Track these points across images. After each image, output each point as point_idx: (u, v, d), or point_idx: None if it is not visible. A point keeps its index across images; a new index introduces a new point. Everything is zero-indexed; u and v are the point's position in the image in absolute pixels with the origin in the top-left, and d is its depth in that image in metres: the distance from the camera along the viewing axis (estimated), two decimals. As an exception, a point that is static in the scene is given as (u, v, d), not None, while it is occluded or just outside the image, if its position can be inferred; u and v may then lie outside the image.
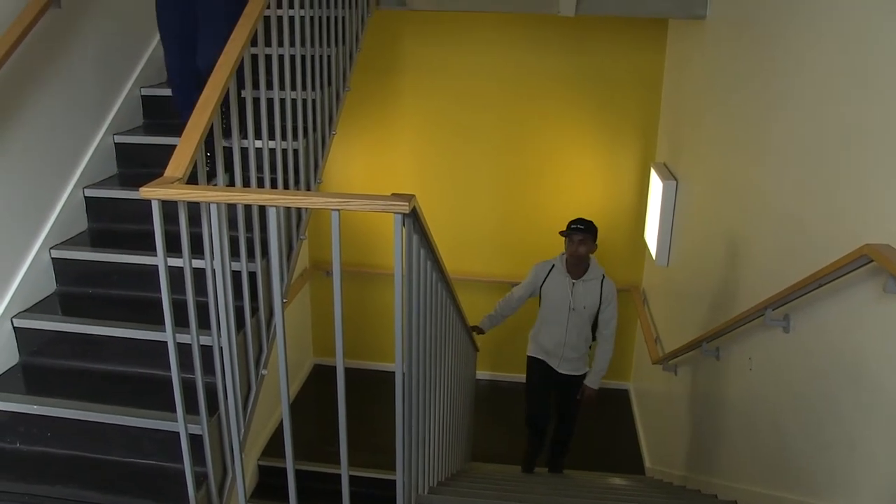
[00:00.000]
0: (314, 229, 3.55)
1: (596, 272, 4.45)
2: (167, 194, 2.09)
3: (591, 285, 4.43)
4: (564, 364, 4.61)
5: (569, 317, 4.46)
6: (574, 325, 4.49)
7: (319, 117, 3.41)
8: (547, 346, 4.63)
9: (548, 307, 4.57)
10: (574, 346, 4.55)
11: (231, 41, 2.60)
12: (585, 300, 4.42)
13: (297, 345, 6.44)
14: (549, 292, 4.53)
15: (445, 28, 5.79)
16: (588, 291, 4.43)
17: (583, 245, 4.29)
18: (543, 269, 4.58)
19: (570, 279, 4.42)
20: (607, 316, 4.49)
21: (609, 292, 4.47)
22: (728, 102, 3.73)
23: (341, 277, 2.04)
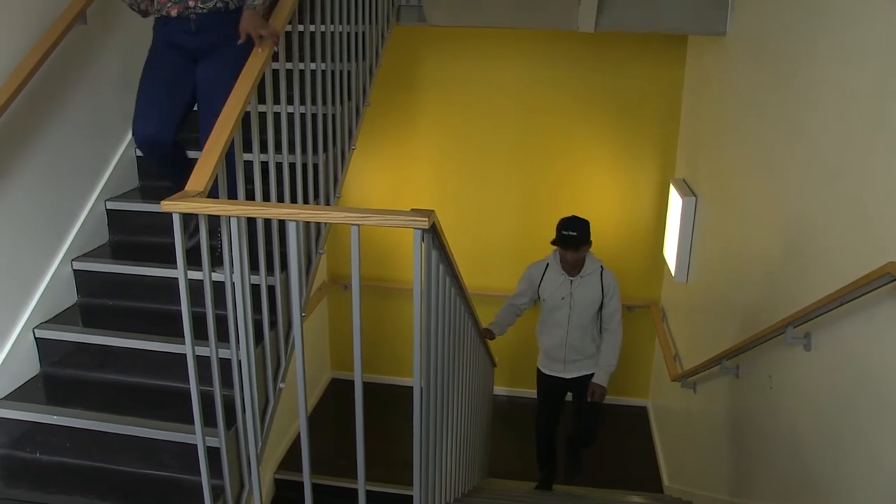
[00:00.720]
0: (332, 243, 3.56)
1: (593, 265, 4.25)
2: (188, 207, 2.10)
3: (590, 280, 4.23)
4: (571, 367, 4.43)
5: (569, 317, 4.28)
6: (576, 325, 4.30)
7: (339, 132, 3.43)
8: (550, 350, 4.47)
9: (547, 309, 4.38)
10: (577, 349, 4.35)
11: (254, 54, 2.63)
12: (586, 297, 4.23)
13: (314, 358, 6.44)
14: (547, 293, 4.33)
15: (464, 43, 5.81)
16: (588, 287, 4.23)
17: (576, 254, 4.12)
18: (538, 271, 4.38)
19: (566, 277, 4.23)
20: (611, 309, 4.28)
21: (610, 284, 4.25)
22: (748, 118, 3.71)
23: (360, 292, 2.04)
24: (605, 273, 4.26)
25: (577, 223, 4.09)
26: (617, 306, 4.29)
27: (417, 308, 2.03)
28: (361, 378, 2.13)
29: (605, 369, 4.34)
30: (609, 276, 4.26)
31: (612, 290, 4.26)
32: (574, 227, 4.06)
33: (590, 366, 4.41)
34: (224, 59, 2.83)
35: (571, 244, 4.07)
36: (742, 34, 3.98)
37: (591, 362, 4.41)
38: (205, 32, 2.85)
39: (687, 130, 5.52)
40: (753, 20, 3.77)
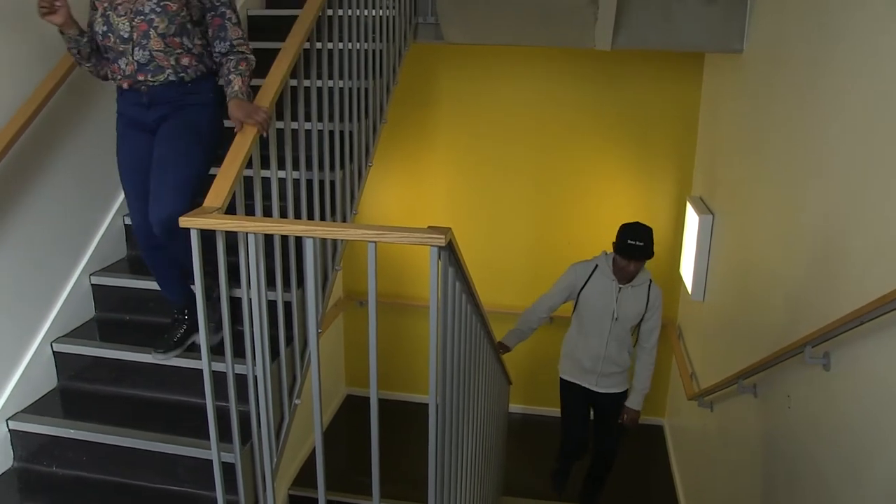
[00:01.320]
0: (348, 259, 3.57)
1: (644, 276, 4.05)
2: (206, 223, 2.11)
3: (639, 291, 4.04)
4: (603, 381, 4.20)
5: (611, 327, 4.04)
6: (615, 337, 4.08)
7: (356, 149, 3.45)
8: (583, 362, 4.21)
9: (587, 316, 4.12)
10: (614, 360, 4.14)
11: (271, 73, 2.65)
12: (631, 308, 4.03)
13: (329, 375, 6.45)
14: (590, 298, 4.08)
15: (481, 61, 5.83)
16: (635, 298, 4.03)
17: (640, 264, 3.92)
18: (584, 272, 4.11)
19: (616, 284, 4.01)
20: (651, 325, 4.09)
21: (656, 299, 4.07)
22: (766, 135, 3.70)
23: (376, 309, 2.04)
24: (652, 287, 4.08)
25: (644, 233, 3.87)
26: (657, 323, 4.11)
27: (434, 325, 2.02)
28: (377, 395, 2.13)
29: (640, 392, 4.20)
30: (656, 291, 4.09)
31: (657, 306, 4.08)
32: (641, 237, 3.84)
33: (621, 382, 4.26)
34: (178, 132, 2.68)
35: (637, 256, 3.86)
36: (760, 51, 3.97)
37: (622, 378, 4.25)
38: (158, 105, 2.67)
39: (704, 147, 5.51)
40: (771, 37, 3.77)
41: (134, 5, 2.55)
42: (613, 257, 3.98)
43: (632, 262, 3.87)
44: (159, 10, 2.56)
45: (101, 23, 2.58)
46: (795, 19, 3.34)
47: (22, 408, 2.88)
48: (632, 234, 3.83)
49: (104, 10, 2.58)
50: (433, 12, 4.41)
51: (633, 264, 3.87)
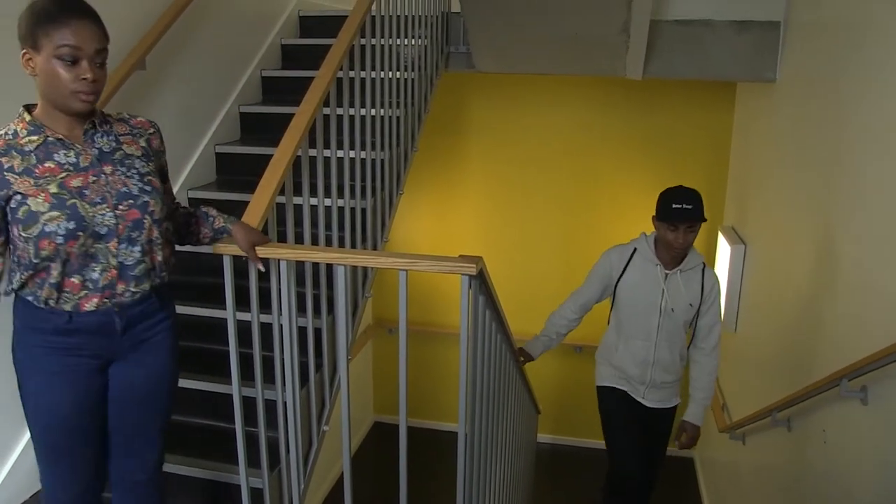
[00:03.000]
0: (378, 286, 3.58)
1: (696, 258, 3.27)
2: (239, 250, 2.14)
3: (691, 277, 3.25)
4: (653, 393, 3.41)
5: (660, 324, 3.26)
6: (666, 336, 3.28)
7: (388, 177, 3.47)
8: (628, 370, 3.40)
9: (628, 312, 3.34)
10: (666, 367, 3.34)
11: (305, 101, 2.68)
12: (683, 299, 3.23)
13: (358, 401, 6.44)
14: (631, 290, 3.30)
15: (512, 90, 5.86)
16: (687, 286, 3.23)
17: (691, 233, 3.10)
18: (621, 257, 3.33)
19: (661, 269, 3.23)
20: (710, 320, 3.30)
21: (713, 286, 3.28)
22: (800, 165, 3.67)
23: (407, 336, 2.04)
24: (707, 272, 3.28)
25: (692, 194, 3.09)
26: (717, 318, 3.32)
27: (464, 354, 2.02)
28: (406, 423, 2.12)
29: (701, 403, 3.39)
30: (713, 277, 3.29)
31: (714, 295, 3.29)
32: (688, 198, 3.06)
33: (673, 394, 3.49)
34: (162, 359, 2.10)
35: (686, 218, 3.04)
36: (792, 80, 3.95)
37: (674, 390, 3.49)
38: (132, 328, 1.99)
39: (736, 177, 5.47)
40: (804, 66, 3.75)
41: (113, 187, 1.87)
42: (656, 236, 3.26)
43: (681, 231, 3.06)
44: (149, 190, 1.94)
45: (55, 218, 1.77)
46: (830, 48, 3.33)
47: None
48: (676, 196, 3.07)
49: (61, 200, 1.78)
50: (465, 41, 4.45)
51: (684, 233, 3.07)
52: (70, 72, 1.71)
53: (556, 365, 6.11)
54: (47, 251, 1.78)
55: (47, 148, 1.80)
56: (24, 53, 1.72)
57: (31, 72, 1.73)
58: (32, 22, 1.70)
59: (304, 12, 4.84)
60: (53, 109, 1.80)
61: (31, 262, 1.80)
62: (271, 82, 4.38)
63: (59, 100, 1.76)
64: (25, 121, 1.79)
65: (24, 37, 1.72)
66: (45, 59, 1.70)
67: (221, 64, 4.01)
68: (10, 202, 1.77)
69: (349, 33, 2.94)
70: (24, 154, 1.77)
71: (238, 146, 3.97)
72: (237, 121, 4.14)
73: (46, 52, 1.70)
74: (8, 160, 1.76)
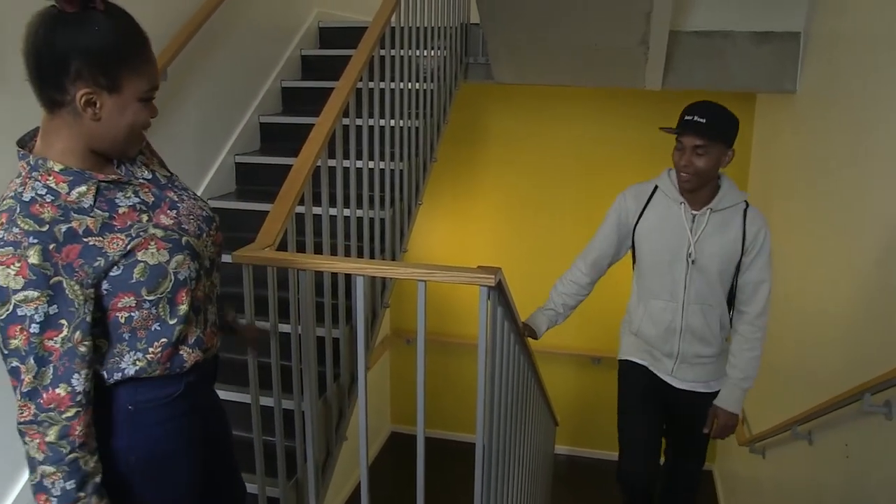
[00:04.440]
0: (396, 297, 3.58)
1: (734, 196, 2.58)
2: (258, 259, 2.15)
3: (728, 218, 2.55)
4: (684, 371, 2.71)
5: (688, 279, 2.57)
6: (697, 296, 2.59)
7: (406, 187, 3.47)
8: (650, 337, 2.72)
9: (648, 265, 2.69)
10: (701, 336, 2.63)
11: (325, 111, 2.69)
12: (718, 247, 2.54)
13: (375, 412, 6.44)
14: (650, 236, 2.65)
15: (530, 101, 5.86)
16: (722, 229, 2.54)
17: (701, 156, 2.44)
18: (639, 197, 2.72)
19: (686, 209, 2.57)
20: (753, 276, 2.57)
21: (757, 232, 2.54)
22: (821, 176, 3.64)
23: (425, 347, 2.04)
24: (750, 213, 2.56)
25: (712, 108, 2.47)
26: (764, 275, 2.58)
27: (482, 365, 2.01)
28: (424, 433, 2.12)
29: (737, 384, 2.66)
30: (758, 220, 2.56)
31: (760, 243, 2.55)
32: (705, 112, 2.44)
33: (711, 373, 2.75)
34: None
35: (694, 132, 2.43)
36: (814, 92, 3.93)
37: (713, 368, 2.74)
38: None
39: (755, 188, 5.44)
40: (826, 77, 3.72)
41: (193, 213, 1.55)
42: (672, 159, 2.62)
43: (687, 150, 2.47)
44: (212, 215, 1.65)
45: (182, 263, 1.45)
46: (852, 58, 3.31)
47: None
48: (690, 107, 2.49)
49: (174, 241, 1.44)
50: (484, 53, 4.46)
51: (690, 154, 2.46)
52: (149, 113, 1.40)
53: (573, 376, 6.09)
54: (185, 304, 1.45)
55: (104, 196, 1.37)
56: (84, 94, 1.29)
57: (91, 115, 1.31)
58: (106, 53, 1.29)
59: (324, 23, 4.87)
60: (90, 152, 1.38)
61: (167, 328, 1.44)
62: (291, 93, 4.41)
63: (118, 144, 1.39)
64: (56, 171, 1.32)
65: (82, 73, 1.28)
66: (126, 102, 1.34)
67: (242, 74, 4.04)
68: (109, 272, 1.34)
69: (369, 44, 2.96)
70: (86, 212, 1.33)
71: (258, 156, 3.99)
72: (257, 131, 4.17)
73: (130, 93, 1.33)
74: (78, 224, 1.31)
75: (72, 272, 1.28)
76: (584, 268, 2.86)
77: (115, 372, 1.40)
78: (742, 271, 2.59)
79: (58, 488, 1.28)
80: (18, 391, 1.28)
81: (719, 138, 2.45)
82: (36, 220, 1.26)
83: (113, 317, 1.37)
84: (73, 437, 1.29)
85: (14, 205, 1.27)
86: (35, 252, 1.24)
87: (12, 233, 1.24)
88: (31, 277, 1.24)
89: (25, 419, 1.28)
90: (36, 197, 1.29)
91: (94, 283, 1.32)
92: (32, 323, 1.25)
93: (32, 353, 1.26)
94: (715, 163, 2.47)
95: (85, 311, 1.30)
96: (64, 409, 1.28)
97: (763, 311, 2.63)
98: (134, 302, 1.37)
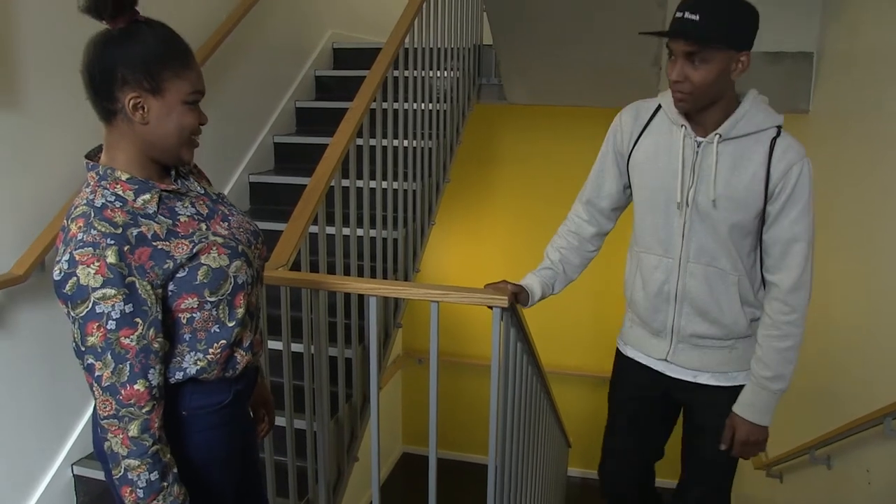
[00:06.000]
0: (408, 316, 3.58)
1: (757, 120, 1.87)
2: (272, 279, 2.15)
3: (747, 151, 1.85)
4: (683, 355, 2.01)
5: (686, 228, 1.91)
6: (699, 251, 1.92)
7: (419, 208, 3.48)
8: (640, 307, 2.07)
9: (642, 206, 2.04)
10: (701, 306, 1.95)
11: (339, 132, 2.71)
12: (727, 187, 1.85)
13: (386, 432, 6.42)
14: (644, 166, 1.99)
15: (543, 121, 5.87)
16: (737, 166, 1.85)
17: (697, 67, 1.76)
18: (640, 115, 2.04)
19: (688, 134, 1.89)
20: (784, 232, 1.87)
21: (788, 169, 1.84)
22: (835, 196, 3.63)
23: (438, 368, 2.04)
24: (781, 142, 1.85)
25: (708, 3, 1.73)
26: (800, 230, 1.89)
27: (495, 386, 2.01)
28: (436, 454, 2.11)
29: (764, 386, 1.97)
30: (790, 152, 1.84)
31: (793, 183, 1.85)
32: (698, 6, 1.72)
33: (723, 361, 2.02)
34: None
35: (684, 34, 1.74)
36: (826, 112, 3.92)
37: (731, 355, 2.02)
38: None
39: (770, 209, 5.42)
40: (839, 97, 3.72)
41: (242, 226, 1.61)
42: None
43: (679, 58, 1.77)
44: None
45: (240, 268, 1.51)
46: (865, 78, 3.30)
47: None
48: (681, 3, 1.76)
49: (232, 248, 1.51)
50: (496, 74, 4.48)
51: (682, 62, 1.77)
52: (195, 118, 1.46)
53: (586, 397, 6.05)
54: (242, 308, 1.51)
55: (165, 204, 1.45)
56: (131, 98, 1.37)
57: (140, 119, 1.39)
58: (149, 60, 1.39)
59: (338, 44, 4.91)
60: (150, 161, 1.46)
61: (226, 330, 1.49)
62: (305, 113, 4.44)
63: (171, 149, 1.45)
64: (123, 180, 1.41)
65: (129, 78, 1.37)
66: (171, 104, 1.41)
67: (256, 95, 4.07)
68: (176, 274, 1.42)
69: (383, 65, 2.98)
70: (152, 218, 1.41)
71: (272, 176, 4.01)
72: (271, 151, 4.19)
73: (173, 96, 1.41)
74: (147, 229, 1.39)
75: (144, 273, 1.36)
76: (583, 212, 2.19)
77: (178, 371, 1.47)
78: (768, 225, 1.87)
79: (143, 480, 1.36)
80: (97, 387, 1.34)
81: (721, 40, 1.74)
82: (110, 223, 1.34)
83: (176, 317, 1.44)
84: (153, 431, 1.37)
85: (88, 210, 1.35)
86: (112, 252, 1.32)
87: (91, 234, 1.32)
88: (109, 276, 1.31)
89: (108, 413, 1.35)
90: (107, 203, 1.37)
91: (162, 285, 1.40)
92: (109, 320, 1.32)
93: (109, 350, 1.33)
94: (717, 74, 1.77)
95: (157, 311, 1.38)
96: (143, 404, 1.35)
97: (798, 285, 1.91)
98: (196, 303, 1.44)
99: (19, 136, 2.50)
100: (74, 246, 1.32)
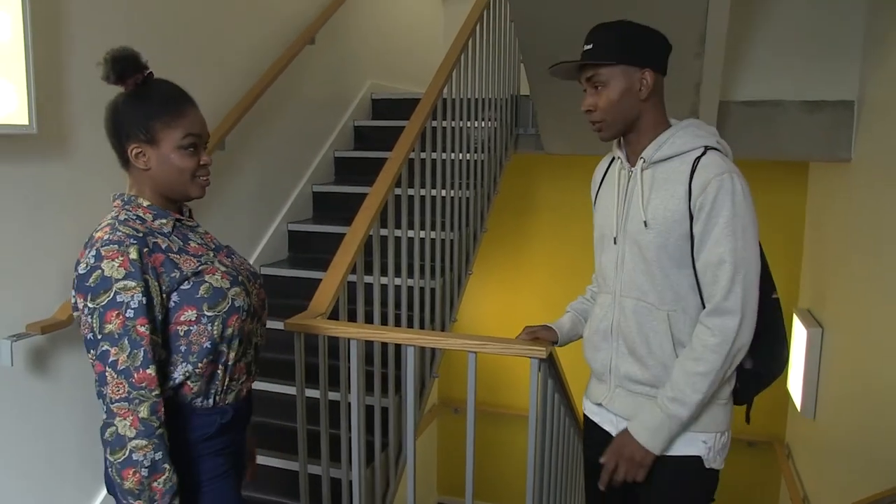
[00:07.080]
0: (444, 365, 3.56)
1: (683, 141, 1.84)
2: (310, 328, 2.17)
3: (671, 173, 1.81)
4: (619, 399, 1.91)
5: (620, 259, 1.89)
6: (629, 283, 1.86)
7: (457, 257, 3.49)
8: (588, 352, 2.02)
9: (595, 247, 2.08)
10: (631, 344, 1.85)
11: (378, 181, 2.74)
12: (651, 206, 1.81)
13: (421, 481, 6.34)
14: (598, 210, 2.07)
15: (580, 171, 5.84)
16: (664, 188, 1.81)
17: (599, 91, 1.82)
18: (601, 165, 2.14)
19: (624, 166, 1.93)
20: (708, 254, 1.75)
21: (706, 184, 1.75)
22: (880, 245, 3.57)
23: (475, 419, 2.03)
24: (704, 160, 1.80)
25: (602, 27, 1.82)
26: (723, 250, 1.74)
27: (532, 437, 1.99)
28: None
29: (662, 407, 1.76)
30: (710, 167, 1.78)
31: (711, 198, 1.75)
32: (594, 35, 1.81)
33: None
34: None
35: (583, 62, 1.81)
36: (867, 159, 3.88)
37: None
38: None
39: (811, 258, 5.34)
40: (881, 145, 3.68)
41: (243, 266, 1.78)
42: None
43: (586, 86, 1.85)
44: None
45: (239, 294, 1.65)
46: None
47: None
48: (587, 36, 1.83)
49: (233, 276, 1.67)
50: (534, 124, 4.51)
51: (590, 90, 1.84)
52: (192, 160, 1.61)
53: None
54: (233, 329, 1.62)
55: (179, 231, 1.64)
56: (132, 148, 1.57)
57: (143, 165, 1.59)
58: (145, 116, 1.58)
59: (376, 95, 4.99)
60: (166, 200, 1.65)
61: (209, 347, 1.59)
62: (343, 162, 4.50)
63: (178, 189, 1.63)
64: (144, 206, 1.60)
65: (130, 133, 1.58)
66: (166, 152, 1.59)
67: (296, 144, 4.15)
68: (181, 285, 1.56)
69: (421, 115, 3.02)
70: (166, 236, 1.60)
71: (310, 224, 4.06)
72: (310, 199, 4.25)
73: (168, 144, 1.58)
74: (161, 241, 1.58)
75: (157, 275, 1.52)
76: (594, 280, 2.20)
77: (167, 380, 1.58)
78: (696, 250, 1.77)
79: (148, 459, 1.45)
80: (111, 372, 1.45)
81: (612, 56, 1.76)
82: (133, 229, 1.53)
83: (174, 330, 1.57)
84: (160, 414, 1.48)
85: (113, 221, 1.55)
86: (134, 250, 1.49)
87: (116, 234, 1.50)
88: (131, 269, 1.47)
89: (120, 396, 1.45)
90: (129, 218, 1.57)
91: (168, 293, 1.55)
92: (128, 308, 1.46)
93: (126, 336, 1.46)
94: (620, 94, 1.79)
95: (159, 313, 1.53)
96: (154, 388, 1.47)
97: (721, 309, 1.73)
98: (194, 316, 1.58)
99: (67, 184, 2.58)
100: (101, 244, 1.49)
